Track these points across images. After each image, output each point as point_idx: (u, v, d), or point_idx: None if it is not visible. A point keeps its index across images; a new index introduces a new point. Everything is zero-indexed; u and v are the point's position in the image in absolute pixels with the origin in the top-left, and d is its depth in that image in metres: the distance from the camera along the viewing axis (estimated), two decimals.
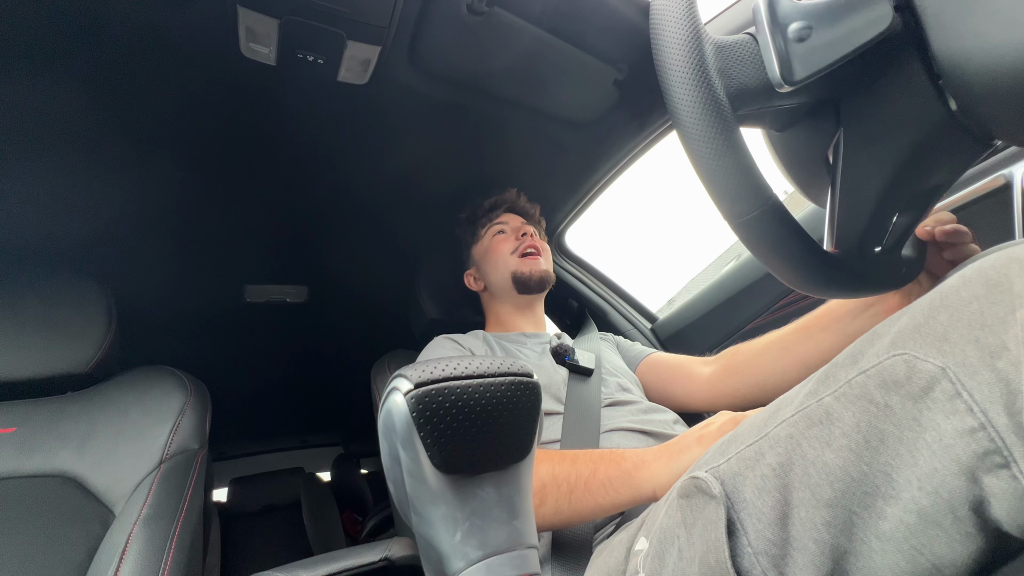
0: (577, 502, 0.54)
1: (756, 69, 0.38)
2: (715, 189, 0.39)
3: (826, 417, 0.31)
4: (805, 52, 0.35)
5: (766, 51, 0.36)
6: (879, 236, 0.45)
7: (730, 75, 0.38)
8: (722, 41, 0.38)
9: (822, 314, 0.67)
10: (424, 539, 0.35)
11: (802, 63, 0.35)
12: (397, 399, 0.33)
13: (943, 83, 0.35)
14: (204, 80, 0.68)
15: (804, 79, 0.35)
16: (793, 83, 0.35)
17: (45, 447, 0.69)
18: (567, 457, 0.57)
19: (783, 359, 0.70)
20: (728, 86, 0.37)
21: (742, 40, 0.39)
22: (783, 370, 0.70)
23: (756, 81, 0.38)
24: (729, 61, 0.38)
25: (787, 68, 0.35)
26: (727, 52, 0.38)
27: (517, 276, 0.93)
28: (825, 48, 0.35)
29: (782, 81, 0.36)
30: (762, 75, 0.37)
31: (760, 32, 0.36)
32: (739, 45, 0.38)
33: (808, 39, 0.35)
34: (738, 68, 0.38)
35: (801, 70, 0.35)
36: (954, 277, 0.30)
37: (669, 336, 1.16)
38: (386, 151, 0.89)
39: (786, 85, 0.36)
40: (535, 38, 0.70)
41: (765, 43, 0.36)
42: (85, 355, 0.76)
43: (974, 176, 0.66)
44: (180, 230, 0.98)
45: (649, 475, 0.52)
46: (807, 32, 0.35)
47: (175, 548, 0.64)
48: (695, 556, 0.33)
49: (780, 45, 0.35)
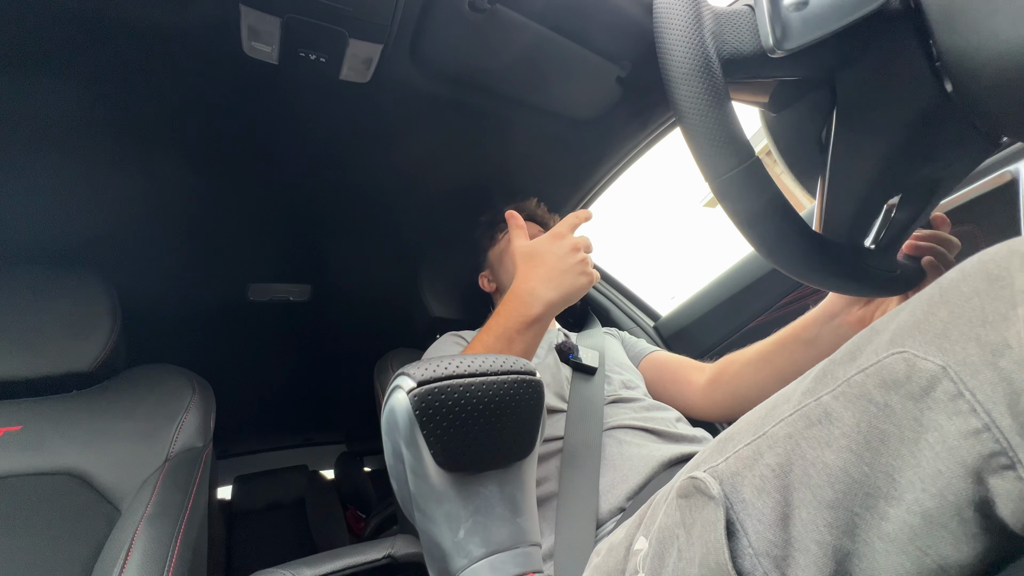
0: None
1: (751, 37, 0.39)
2: (698, 145, 0.39)
3: (825, 417, 0.30)
4: (801, 20, 0.35)
5: (761, 17, 0.37)
6: (870, 224, 0.45)
7: (724, 39, 0.39)
8: (721, 9, 0.39)
9: (797, 325, 0.69)
10: (427, 536, 0.35)
11: (797, 31, 0.36)
12: (400, 397, 0.33)
13: (940, 65, 0.35)
14: (206, 79, 0.68)
15: (797, 47, 0.36)
16: (785, 49, 0.36)
17: (51, 445, 0.70)
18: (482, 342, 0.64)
19: (762, 372, 0.71)
20: (721, 49, 0.38)
21: (740, 9, 0.40)
22: (762, 383, 0.71)
23: (750, 48, 0.38)
24: (725, 27, 0.39)
25: (780, 34, 0.36)
26: (724, 19, 0.39)
27: None
28: (821, 18, 0.35)
29: (774, 47, 0.36)
30: (756, 43, 0.38)
31: (757, 1, 0.37)
32: (737, 14, 0.39)
33: (804, 9, 0.35)
34: (733, 34, 0.39)
35: (794, 37, 0.36)
36: (954, 271, 0.29)
37: (672, 334, 1.15)
38: (389, 149, 0.89)
39: (778, 51, 0.36)
40: (537, 35, 0.69)
41: (760, 10, 0.37)
42: (90, 354, 0.76)
43: (979, 173, 0.66)
44: (183, 229, 0.99)
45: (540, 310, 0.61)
46: (803, 4, 0.35)
47: (180, 545, 0.64)
48: (695, 557, 0.33)
49: (775, 12, 0.36)
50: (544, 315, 0.61)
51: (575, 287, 0.61)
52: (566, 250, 0.62)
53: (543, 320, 0.62)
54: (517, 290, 0.63)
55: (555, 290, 0.61)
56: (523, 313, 0.61)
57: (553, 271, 0.61)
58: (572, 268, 0.61)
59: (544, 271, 0.62)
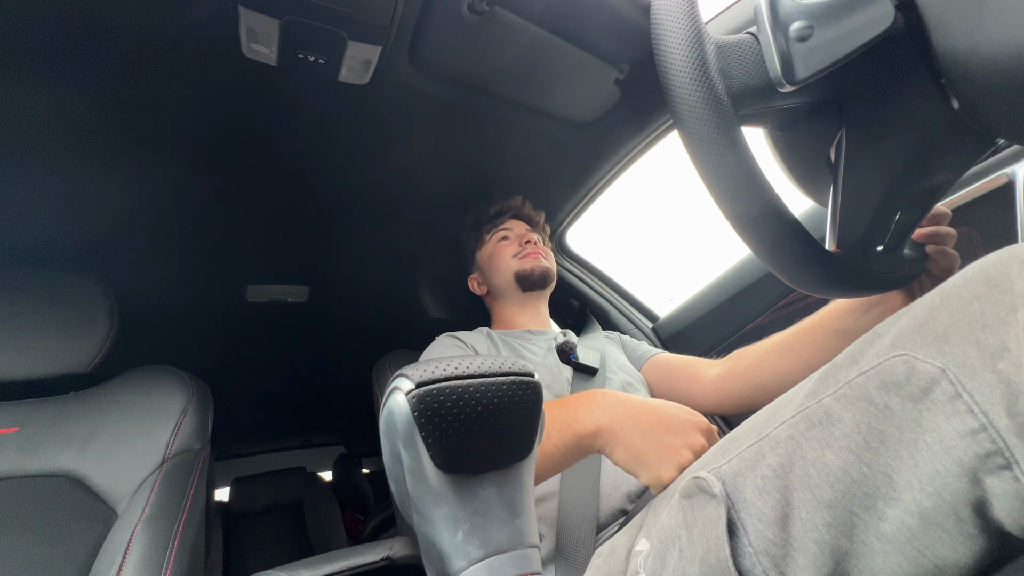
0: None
1: (758, 69, 0.38)
2: (716, 188, 0.39)
3: (826, 418, 0.31)
4: (807, 51, 0.35)
5: (767, 50, 0.36)
6: (881, 235, 0.45)
7: (731, 75, 0.38)
8: (723, 41, 0.38)
9: (825, 315, 0.67)
10: (426, 538, 0.35)
11: (804, 62, 0.35)
12: (399, 398, 0.33)
13: (945, 82, 0.35)
14: (205, 81, 0.68)
15: (806, 79, 0.35)
16: (795, 83, 0.35)
17: (48, 447, 0.69)
18: None
19: (787, 361, 0.70)
20: (730, 86, 0.37)
21: (743, 40, 0.39)
22: (787, 371, 0.69)
23: (758, 81, 0.38)
24: (730, 61, 0.38)
25: (789, 68, 0.35)
26: (728, 52, 0.38)
27: (519, 273, 0.94)
28: (827, 47, 0.35)
29: (784, 81, 0.36)
30: (763, 75, 0.37)
31: (761, 31, 0.36)
32: (740, 45, 0.38)
33: (810, 38, 0.35)
34: (739, 68, 0.38)
35: (803, 70, 0.35)
36: (956, 276, 0.30)
37: (670, 336, 1.16)
38: (387, 151, 0.90)
39: (788, 85, 0.36)
40: (536, 37, 0.70)
41: (767, 42, 0.36)
42: (87, 355, 0.76)
43: (976, 175, 0.66)
44: (181, 230, 0.99)
45: (598, 444, 0.51)
46: (808, 31, 0.35)
47: (178, 547, 0.64)
48: (696, 556, 0.33)
49: (782, 44, 0.35)
50: (593, 444, 0.51)
51: (652, 462, 0.47)
52: (686, 431, 0.49)
53: (585, 448, 0.52)
54: (606, 403, 0.52)
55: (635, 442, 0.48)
56: (580, 425, 0.51)
57: (656, 430, 0.49)
58: (672, 449, 0.47)
59: (650, 423, 0.49)
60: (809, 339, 0.68)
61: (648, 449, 0.47)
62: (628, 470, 0.48)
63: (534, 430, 0.37)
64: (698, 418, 0.51)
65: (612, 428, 0.50)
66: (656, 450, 0.47)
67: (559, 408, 0.55)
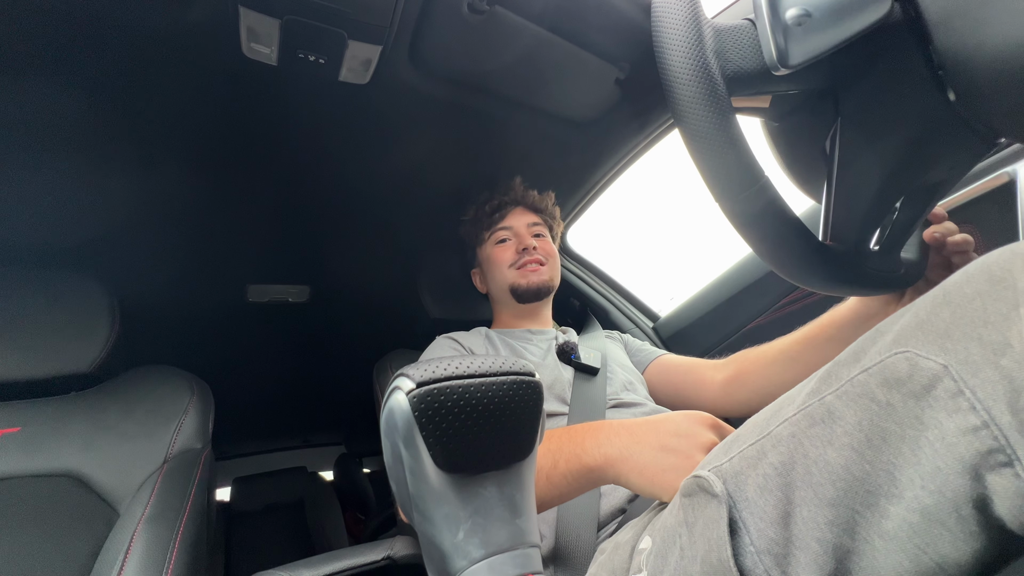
0: (540, 491, 0.53)
1: (753, 53, 0.38)
2: (707, 169, 0.39)
3: (828, 416, 0.31)
4: (802, 36, 0.35)
5: (763, 34, 0.36)
6: (875, 230, 0.45)
7: (727, 57, 0.38)
8: (721, 25, 0.39)
9: (826, 323, 0.68)
10: (427, 538, 0.35)
11: (799, 47, 0.35)
12: (399, 398, 0.33)
13: (943, 74, 0.35)
14: (206, 80, 0.68)
15: (800, 63, 0.35)
16: (789, 66, 0.35)
17: (50, 447, 0.69)
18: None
19: (791, 370, 0.70)
20: (725, 68, 0.38)
21: (741, 25, 0.39)
22: (792, 380, 0.69)
23: (753, 64, 0.38)
24: (727, 44, 0.38)
25: (783, 51, 0.35)
26: (725, 35, 0.38)
27: (514, 288, 0.92)
28: (822, 33, 0.35)
29: (778, 64, 0.36)
30: (759, 59, 0.38)
31: (758, 16, 0.37)
32: (738, 30, 0.39)
33: (806, 24, 0.35)
34: (736, 51, 0.38)
35: (798, 54, 0.35)
36: (958, 273, 0.30)
37: (671, 335, 1.15)
38: (388, 151, 0.89)
39: (782, 68, 0.36)
40: (536, 37, 0.69)
41: (763, 26, 0.36)
42: (89, 355, 0.76)
43: (977, 174, 0.66)
44: (182, 230, 0.99)
45: (610, 476, 0.50)
46: (805, 18, 0.35)
47: (179, 547, 0.64)
48: (697, 554, 0.33)
49: (777, 28, 0.35)
50: (604, 475, 0.50)
51: (669, 480, 0.45)
52: (692, 432, 0.48)
53: (595, 479, 0.51)
54: (613, 433, 0.51)
55: (647, 465, 0.47)
56: (589, 456, 0.51)
57: (665, 444, 0.48)
58: (683, 457, 0.46)
59: (657, 440, 0.48)
60: (812, 348, 0.68)
61: (662, 467, 0.46)
62: (648, 495, 0.47)
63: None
64: (700, 415, 0.51)
65: (621, 456, 0.49)
66: (670, 467, 0.46)
67: (567, 438, 0.54)
